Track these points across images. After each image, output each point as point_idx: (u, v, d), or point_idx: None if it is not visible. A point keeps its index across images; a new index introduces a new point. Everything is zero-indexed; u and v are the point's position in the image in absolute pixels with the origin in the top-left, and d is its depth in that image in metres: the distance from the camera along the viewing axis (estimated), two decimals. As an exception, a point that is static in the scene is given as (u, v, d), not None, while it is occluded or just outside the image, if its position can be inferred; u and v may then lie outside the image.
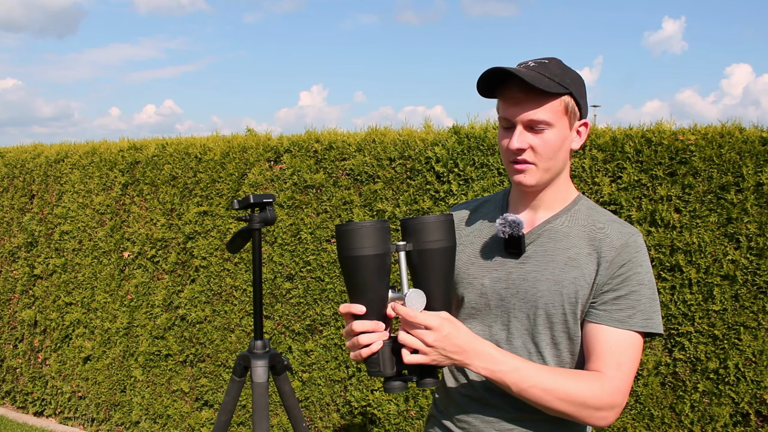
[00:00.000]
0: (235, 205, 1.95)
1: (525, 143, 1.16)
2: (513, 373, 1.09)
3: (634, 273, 1.15)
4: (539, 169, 1.18)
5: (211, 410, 3.54)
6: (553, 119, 1.15)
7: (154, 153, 3.70)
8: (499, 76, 1.16)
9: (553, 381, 1.10)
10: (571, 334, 1.18)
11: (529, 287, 1.19)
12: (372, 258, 1.09)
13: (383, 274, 1.11)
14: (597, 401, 1.10)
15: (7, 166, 4.44)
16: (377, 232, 1.09)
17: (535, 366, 1.13)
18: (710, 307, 2.34)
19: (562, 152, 1.19)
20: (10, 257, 4.40)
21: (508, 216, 1.18)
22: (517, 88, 1.15)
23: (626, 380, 1.13)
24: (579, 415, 1.11)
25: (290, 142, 3.26)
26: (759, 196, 2.27)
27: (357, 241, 1.09)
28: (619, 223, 1.21)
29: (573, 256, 1.18)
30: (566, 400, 1.09)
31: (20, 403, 4.44)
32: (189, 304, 3.55)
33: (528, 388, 1.09)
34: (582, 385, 1.10)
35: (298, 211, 3.20)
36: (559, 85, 1.15)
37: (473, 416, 1.24)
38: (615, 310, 1.14)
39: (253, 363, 1.91)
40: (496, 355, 1.10)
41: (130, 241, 3.78)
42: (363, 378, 3.04)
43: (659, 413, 2.43)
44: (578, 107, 1.19)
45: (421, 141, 2.89)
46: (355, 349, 1.11)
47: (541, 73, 1.15)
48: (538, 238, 1.22)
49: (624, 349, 1.13)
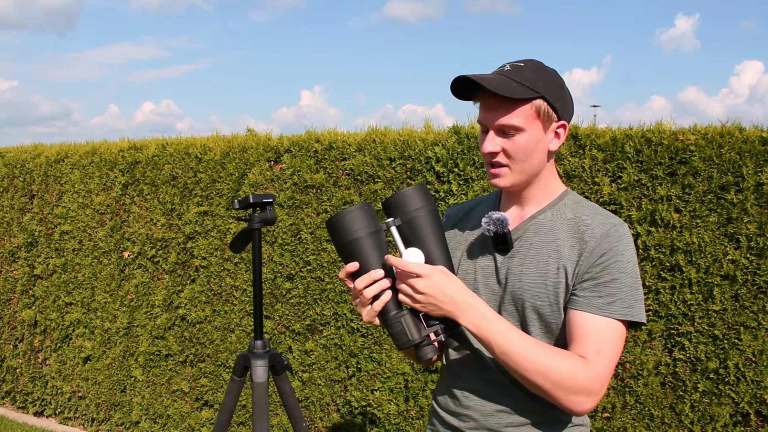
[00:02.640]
0: (236, 205, 1.95)
1: (497, 147, 1.20)
2: (499, 333, 1.13)
3: (615, 261, 1.16)
4: (513, 171, 1.21)
5: (211, 410, 3.54)
6: (523, 124, 1.18)
7: (155, 153, 3.70)
8: (470, 82, 1.19)
9: (536, 352, 1.12)
10: (559, 323, 1.21)
11: (516, 281, 1.22)
12: (368, 237, 1.16)
13: (382, 251, 1.18)
14: (574, 383, 1.11)
15: (7, 166, 4.44)
16: (366, 213, 1.18)
17: (523, 334, 1.15)
18: (710, 307, 2.34)
19: (536, 154, 1.21)
20: (10, 257, 4.40)
21: (492, 214, 1.22)
22: (488, 93, 1.17)
23: (607, 367, 1.14)
24: (554, 394, 1.12)
25: (290, 142, 3.26)
26: (759, 196, 2.27)
27: (350, 226, 1.16)
28: (603, 215, 1.23)
29: (556, 248, 1.21)
30: (544, 375, 1.11)
31: (20, 403, 4.44)
32: (189, 304, 3.55)
33: (511, 352, 1.12)
34: (563, 363, 1.12)
35: (299, 211, 3.20)
36: (529, 90, 1.17)
37: (472, 409, 1.26)
38: (595, 297, 1.16)
39: (253, 363, 1.91)
40: (486, 313, 1.14)
41: (130, 241, 3.78)
42: (363, 378, 3.04)
43: (659, 413, 2.43)
44: (554, 109, 1.20)
45: (421, 141, 2.90)
46: (366, 306, 1.18)
47: (511, 77, 1.18)
48: (524, 233, 1.25)
49: (604, 335, 1.14)
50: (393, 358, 2.97)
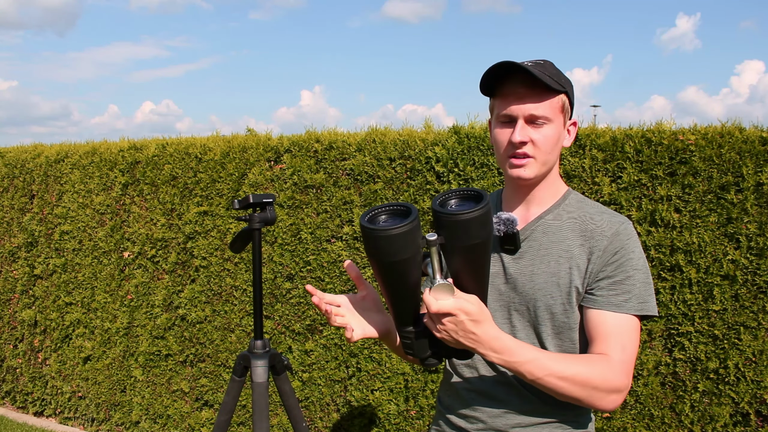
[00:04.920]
0: (236, 205, 1.95)
1: (527, 137, 1.20)
2: (528, 364, 1.11)
3: (627, 259, 1.19)
4: (537, 163, 1.22)
5: (211, 410, 3.54)
6: (552, 115, 1.21)
7: (155, 153, 3.70)
8: (504, 72, 1.20)
9: (567, 368, 1.12)
10: (571, 322, 1.22)
11: (527, 281, 1.23)
12: (411, 258, 1.03)
13: (419, 267, 1.08)
14: (608, 384, 1.13)
15: (7, 166, 4.44)
16: (414, 232, 1.01)
17: (550, 355, 1.15)
18: (710, 307, 2.34)
19: (557, 149, 1.24)
20: (10, 257, 4.40)
21: (501, 214, 1.23)
22: (520, 83, 1.19)
23: (631, 362, 1.17)
24: (590, 399, 1.14)
25: (290, 142, 3.26)
26: (759, 196, 2.27)
27: (397, 245, 1.01)
28: (609, 214, 1.25)
29: (566, 248, 1.22)
30: (580, 385, 1.12)
31: (20, 403, 4.44)
32: (189, 304, 3.55)
33: (543, 377, 1.11)
34: (594, 369, 1.13)
35: (299, 211, 3.20)
36: (557, 83, 1.20)
37: (480, 410, 1.27)
38: (612, 294, 1.18)
39: (253, 363, 1.91)
40: (512, 347, 1.11)
41: (130, 241, 3.78)
42: (363, 378, 3.04)
43: (659, 413, 2.43)
44: (571, 107, 1.25)
45: (421, 141, 2.89)
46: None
47: (541, 71, 1.20)
48: (532, 234, 1.26)
49: (625, 331, 1.17)
50: (393, 358, 2.96)
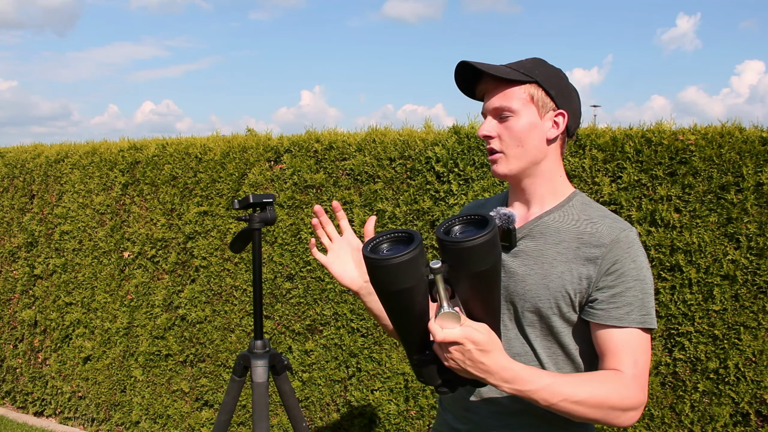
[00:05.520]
0: (236, 205, 1.95)
1: (492, 131, 1.22)
2: (541, 391, 1.07)
3: (628, 269, 1.15)
4: (509, 158, 1.22)
5: (211, 410, 3.54)
6: (516, 106, 1.20)
7: (155, 153, 3.70)
8: (472, 74, 1.24)
9: (581, 390, 1.08)
10: (560, 326, 1.19)
11: (519, 281, 1.21)
12: (415, 287, 1.00)
13: (425, 295, 1.05)
14: (624, 402, 1.10)
15: (7, 166, 4.44)
16: (416, 260, 0.97)
17: (563, 379, 1.10)
18: (710, 307, 2.34)
19: (531, 140, 1.21)
20: (10, 257, 4.40)
21: (500, 209, 1.21)
22: (490, 79, 1.22)
23: (645, 376, 1.14)
24: (607, 419, 1.10)
25: (290, 142, 3.26)
26: (759, 196, 2.27)
27: (399, 274, 0.97)
28: (612, 219, 1.21)
29: (562, 251, 1.19)
30: (596, 407, 1.09)
31: (20, 403, 4.44)
32: (189, 304, 3.55)
33: (558, 402, 1.07)
34: (608, 388, 1.10)
35: (298, 211, 3.20)
36: (522, 75, 1.20)
37: (480, 412, 1.26)
38: (613, 308, 1.14)
39: (253, 363, 1.91)
40: (524, 376, 1.06)
41: (130, 241, 3.78)
42: (363, 378, 3.04)
43: (659, 413, 2.43)
44: (550, 97, 1.22)
45: (421, 141, 2.90)
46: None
47: (509, 66, 1.23)
48: (529, 233, 1.23)
49: (635, 345, 1.14)
50: (393, 358, 2.97)
